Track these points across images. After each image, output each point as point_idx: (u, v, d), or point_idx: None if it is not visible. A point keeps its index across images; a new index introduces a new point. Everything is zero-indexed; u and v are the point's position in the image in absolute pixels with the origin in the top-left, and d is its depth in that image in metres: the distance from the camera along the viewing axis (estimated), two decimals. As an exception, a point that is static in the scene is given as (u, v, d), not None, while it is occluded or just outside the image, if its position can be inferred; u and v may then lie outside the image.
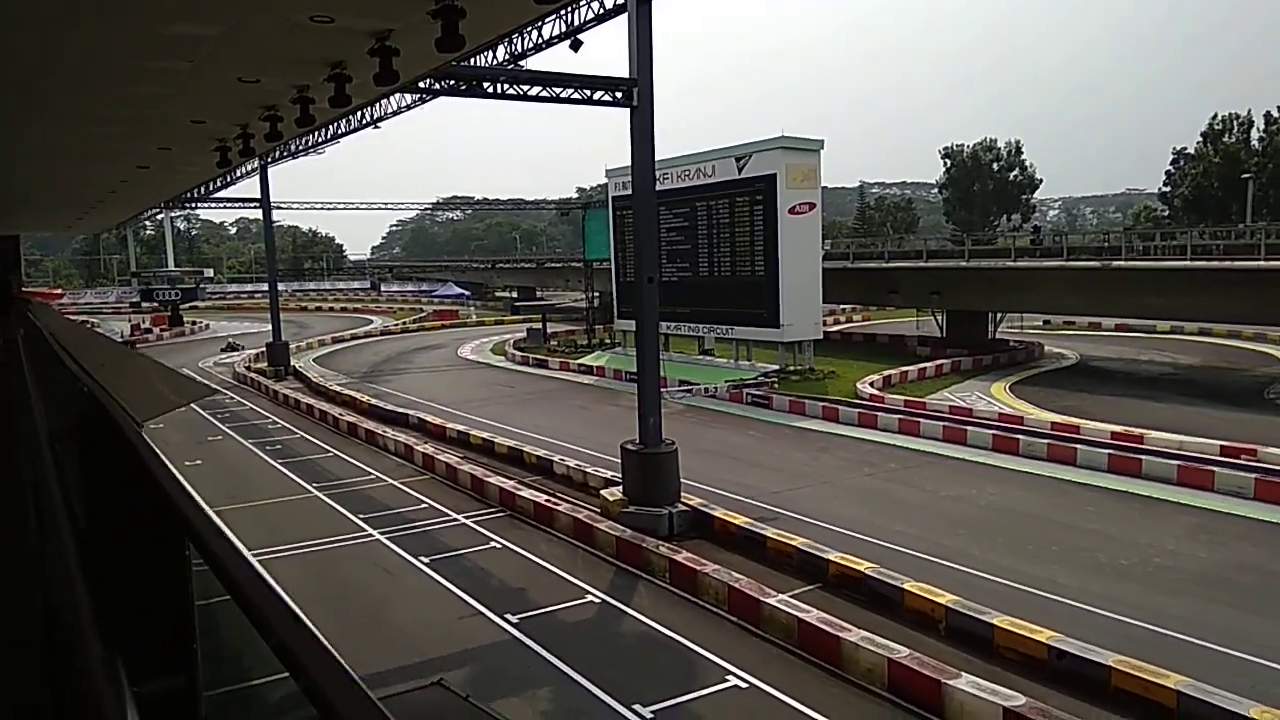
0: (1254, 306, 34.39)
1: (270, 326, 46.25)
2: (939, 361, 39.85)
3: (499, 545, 17.74)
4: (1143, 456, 22.05)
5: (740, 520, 17.39)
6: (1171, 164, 76.28)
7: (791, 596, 13.64)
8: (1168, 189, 76.98)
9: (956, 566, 15.63)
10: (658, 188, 19.39)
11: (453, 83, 16.90)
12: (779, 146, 36.58)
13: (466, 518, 19.64)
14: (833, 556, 15.04)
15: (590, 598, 14.85)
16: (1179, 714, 10.05)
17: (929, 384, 36.51)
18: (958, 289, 42.98)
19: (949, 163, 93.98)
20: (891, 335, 51.30)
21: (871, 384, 34.45)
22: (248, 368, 46.13)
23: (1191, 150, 74.20)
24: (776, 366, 37.70)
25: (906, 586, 13.60)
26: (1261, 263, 32.16)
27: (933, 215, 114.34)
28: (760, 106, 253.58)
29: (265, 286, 52.86)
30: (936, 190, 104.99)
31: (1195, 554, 16.39)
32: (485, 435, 26.74)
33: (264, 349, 47.59)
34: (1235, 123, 71.59)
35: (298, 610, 1.40)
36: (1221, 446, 22.59)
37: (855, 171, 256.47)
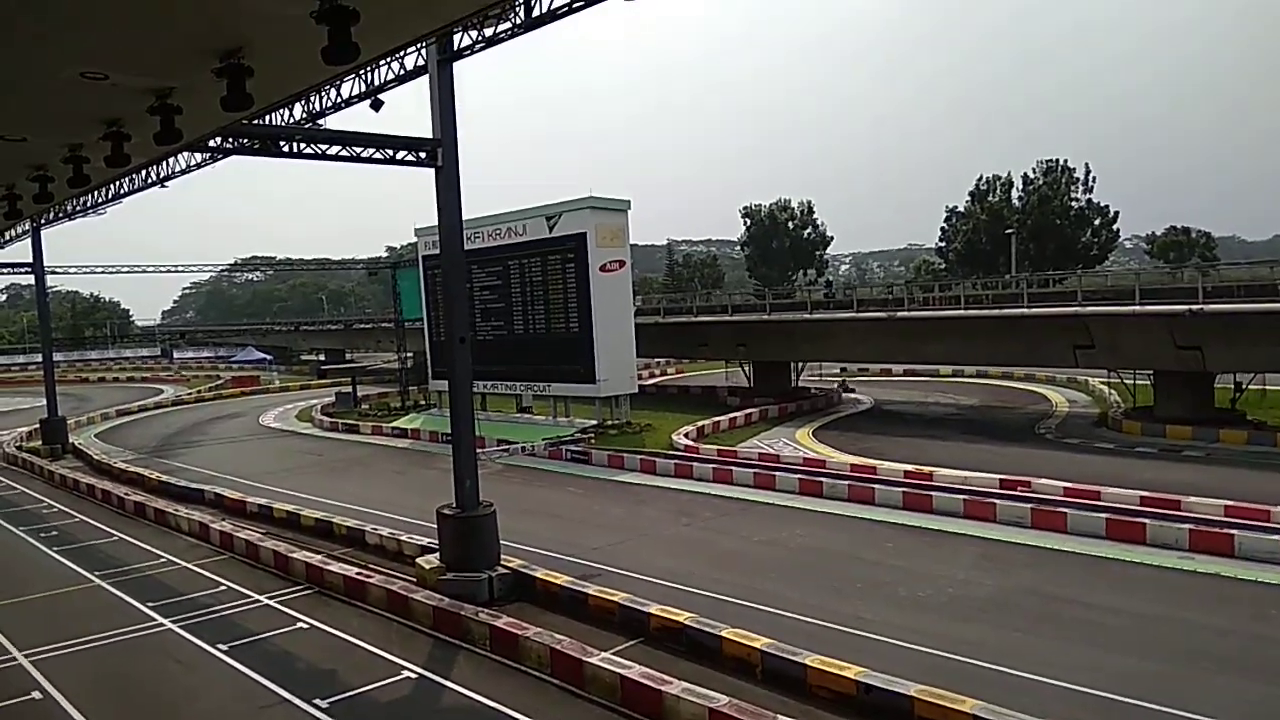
0: (1024, 349, 37.91)
1: (45, 401, 42.25)
2: (748, 410, 41.36)
3: (306, 625, 16.73)
4: (933, 493, 23.61)
5: (562, 580, 17.24)
6: (945, 221, 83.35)
7: (614, 654, 13.59)
8: (943, 244, 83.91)
9: (771, 610, 16.08)
10: (470, 246, 19.33)
11: (245, 141, 16.23)
12: (588, 206, 37.31)
13: (270, 598, 18.44)
14: (653, 609, 15.14)
15: (406, 673, 14.23)
16: (975, 736, 10.71)
17: (740, 432, 37.78)
18: (762, 340, 44.96)
19: (749, 221, 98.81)
20: (704, 386, 52.85)
21: (686, 435, 35.27)
22: (19, 447, 41.82)
23: (962, 208, 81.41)
24: (594, 422, 37.97)
25: (724, 634, 13.85)
26: (1025, 310, 35.53)
27: (736, 271, 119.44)
28: (580, 166, 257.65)
29: (40, 358, 48.36)
30: (739, 247, 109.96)
31: (983, 582, 17.61)
32: (290, 508, 25.33)
33: (37, 426, 43.36)
34: (997, 183, 79.24)
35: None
36: (1000, 480, 24.55)
37: (663, 230, 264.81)
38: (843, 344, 43.39)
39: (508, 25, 15.66)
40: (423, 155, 17.69)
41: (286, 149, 16.61)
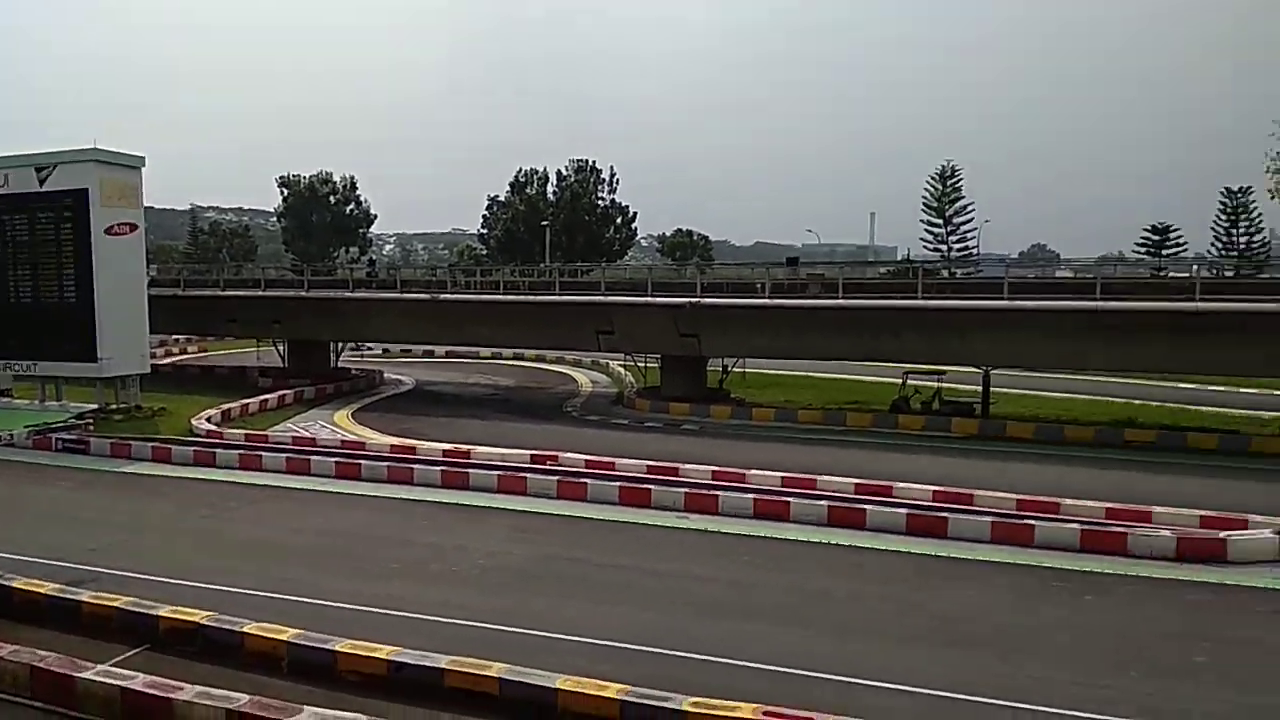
0: (557, 334, 40.62)
1: None
2: (282, 392, 39.09)
3: None
4: (469, 470, 24.35)
5: (47, 588, 14.85)
6: (487, 209, 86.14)
7: (114, 665, 12.06)
8: (485, 231, 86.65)
9: (303, 599, 15.40)
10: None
11: None
12: (92, 159, 32.43)
13: None
14: (163, 611, 13.68)
15: None
16: (500, 698, 11.27)
17: (273, 415, 35.61)
18: (299, 318, 42.78)
19: (286, 192, 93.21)
20: (233, 367, 48.87)
21: (209, 419, 32.35)
22: None
23: (503, 198, 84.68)
24: (94, 406, 33.23)
25: (246, 629, 12.97)
26: (557, 297, 38.05)
27: (272, 244, 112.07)
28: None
29: None
30: (275, 218, 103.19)
31: (514, 552, 18.57)
32: None
33: None
34: (535, 176, 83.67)
35: None
36: (531, 455, 26.05)
37: (187, 193, 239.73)
38: (386, 324, 42.90)
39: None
40: None
41: None
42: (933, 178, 71.64)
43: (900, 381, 35.78)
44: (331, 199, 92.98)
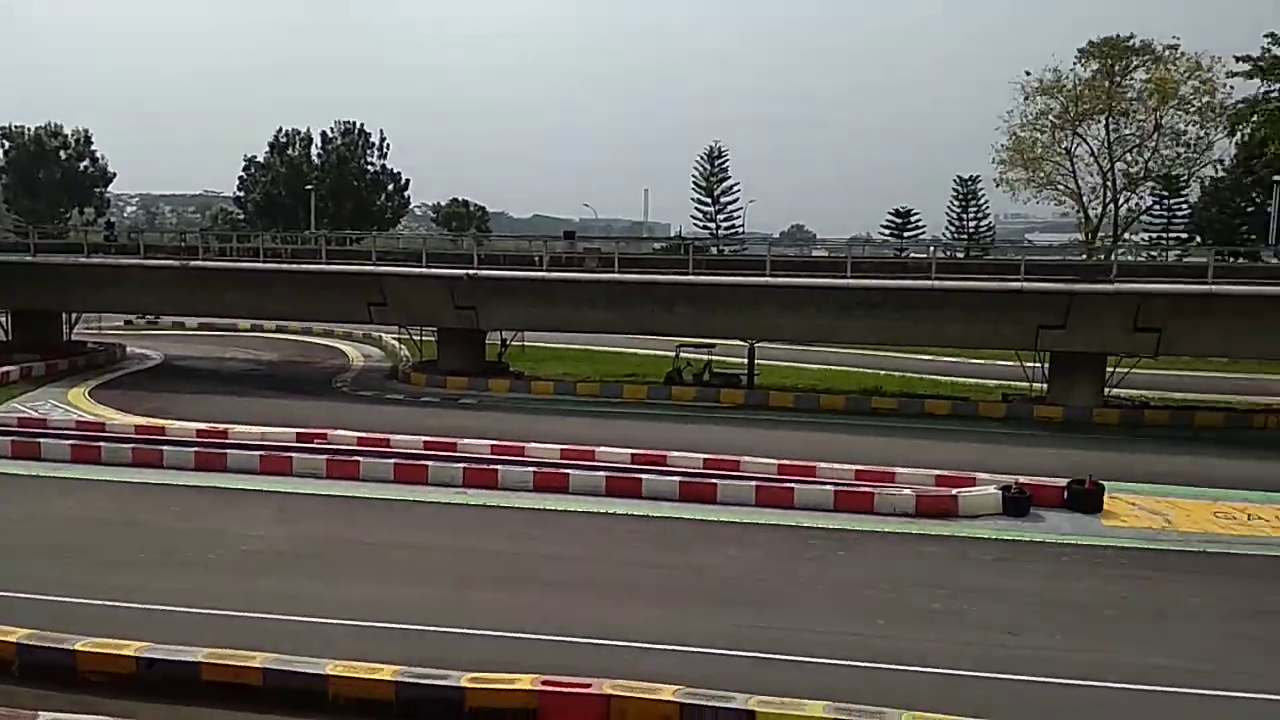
0: (324, 305, 38.60)
1: None
2: (5, 369, 34.82)
3: None
4: (228, 451, 22.79)
5: None
6: (244, 170, 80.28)
7: None
8: (242, 194, 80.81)
9: (35, 596, 13.89)
10: None
11: None
12: None
13: None
14: None
15: None
16: (265, 689, 10.69)
17: (-8, 395, 31.70)
18: (25, 286, 38.23)
19: (8, 145, 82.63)
20: (-62, 340, 42.94)
21: (-90, 400, 28.31)
22: None
23: (262, 159, 79.20)
24: None
25: (-36, 634, 11.54)
26: (324, 266, 36.14)
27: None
28: None
29: None
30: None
31: (279, 536, 17.63)
32: None
33: None
34: (298, 138, 78.87)
35: None
36: (298, 434, 24.73)
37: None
38: (129, 293, 39.13)
39: None
40: None
41: None
42: (702, 158, 74.28)
43: (674, 354, 36.95)
44: (62, 154, 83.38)
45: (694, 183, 74.39)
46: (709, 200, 74.29)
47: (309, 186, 70.11)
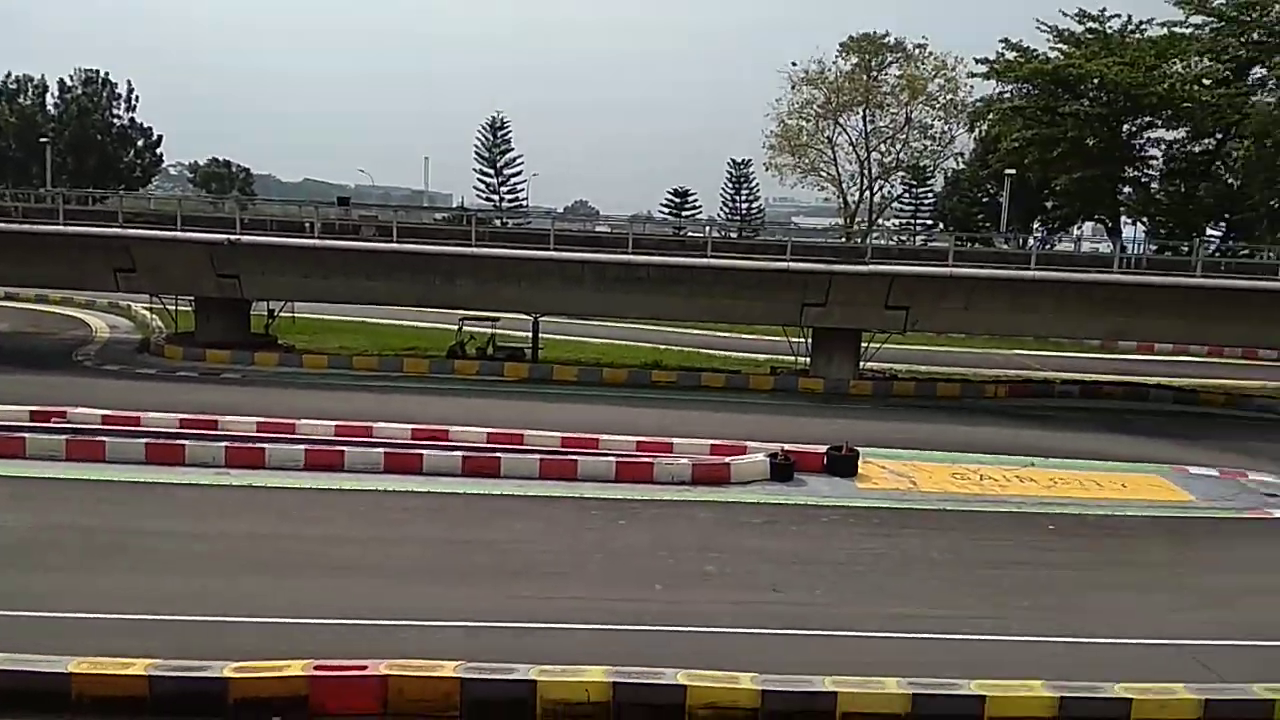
0: (62, 270, 34.93)
1: None
2: None
3: None
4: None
5: None
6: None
7: None
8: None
9: None
10: None
11: None
12: None
13: None
14: None
15: None
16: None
17: None
18: None
19: None
20: None
21: None
22: None
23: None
24: None
25: None
26: (61, 227, 32.59)
27: None
28: None
29: None
30: None
31: (8, 525, 15.81)
32: None
33: None
34: (30, 85, 70.51)
35: None
36: (32, 412, 22.31)
37: None
38: None
39: None
40: None
41: None
42: (484, 128, 73.14)
43: (456, 327, 36.33)
44: None
45: (476, 153, 73.23)
46: (492, 172, 73.36)
47: (43, 139, 62.82)
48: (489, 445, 21.73)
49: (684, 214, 72.39)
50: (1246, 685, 10.78)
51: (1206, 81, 51.71)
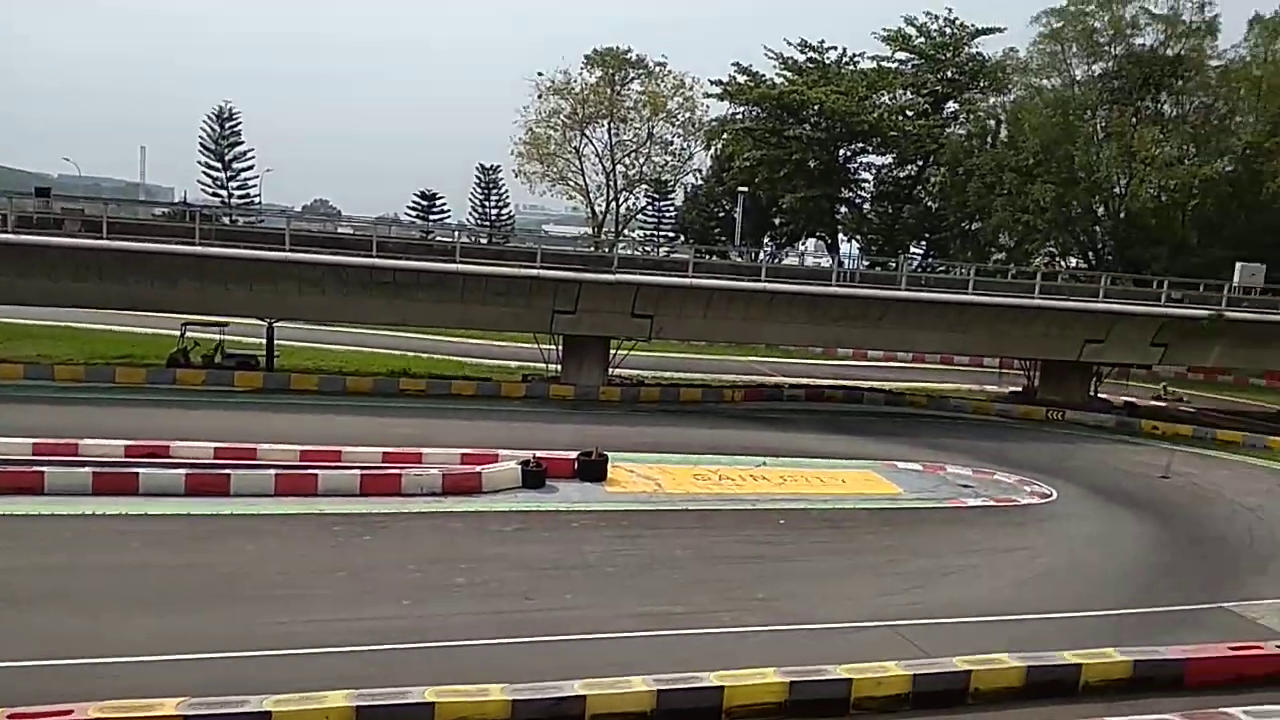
0: None
1: None
2: None
3: None
4: None
5: None
6: None
7: None
8: None
9: None
10: None
11: None
12: None
13: None
14: None
15: None
16: None
17: None
18: None
19: None
20: None
21: None
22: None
23: None
24: None
25: None
26: None
27: None
28: None
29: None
30: None
31: None
32: None
33: None
34: None
35: None
36: None
37: None
38: None
39: None
40: None
41: None
42: (210, 118, 68.08)
43: (179, 333, 33.45)
44: None
45: (201, 145, 67.94)
46: (219, 165, 68.35)
47: None
48: (216, 461, 20.18)
49: (432, 218, 70.99)
50: (949, 658, 12.08)
51: (910, 113, 57.91)
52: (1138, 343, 35.75)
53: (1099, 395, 39.17)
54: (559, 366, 34.97)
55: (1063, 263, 55.81)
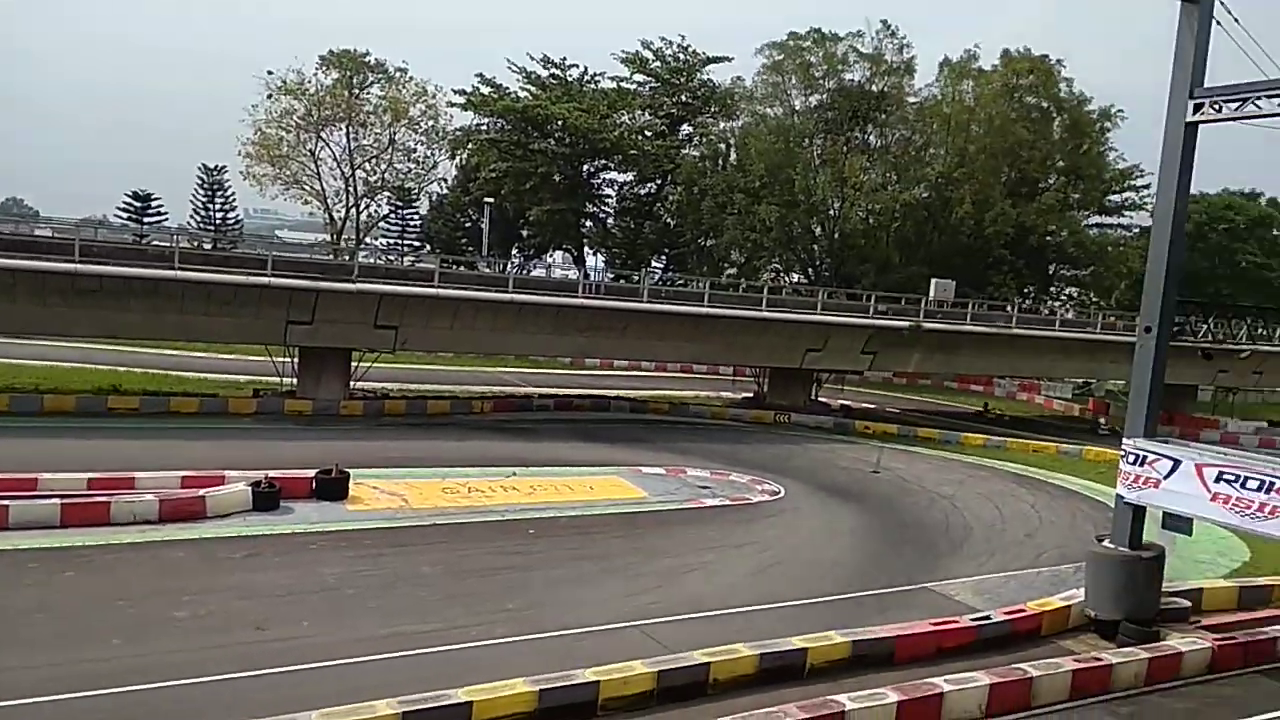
0: None
1: None
2: None
3: None
4: None
5: None
6: None
7: None
8: None
9: None
10: None
11: None
12: None
13: None
14: None
15: None
16: None
17: None
18: None
19: None
20: None
21: None
22: None
23: None
24: None
25: None
26: None
27: None
28: None
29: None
30: None
31: None
32: None
33: None
34: None
35: None
36: None
37: None
38: None
39: None
40: None
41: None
42: None
43: None
44: None
45: None
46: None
47: None
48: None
49: (147, 221, 64.90)
50: (690, 653, 12.62)
51: (649, 133, 60.26)
52: (850, 351, 39.21)
53: (819, 399, 42.58)
54: (295, 380, 33.10)
55: (787, 278, 60.20)
